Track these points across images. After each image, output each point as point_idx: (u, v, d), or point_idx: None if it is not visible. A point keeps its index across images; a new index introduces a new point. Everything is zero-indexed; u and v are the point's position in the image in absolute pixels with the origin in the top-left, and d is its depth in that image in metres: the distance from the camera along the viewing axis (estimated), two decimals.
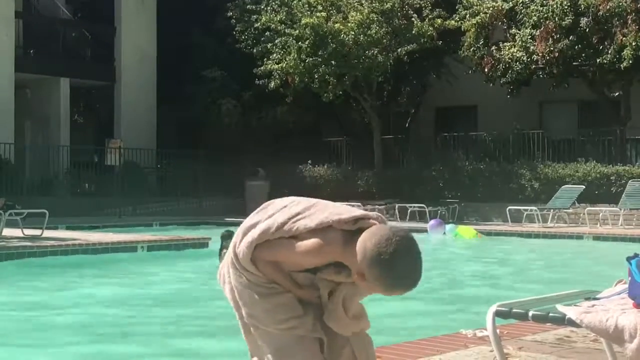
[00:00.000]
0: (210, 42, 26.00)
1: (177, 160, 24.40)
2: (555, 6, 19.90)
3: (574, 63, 20.50)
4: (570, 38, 19.76)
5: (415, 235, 2.56)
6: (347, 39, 21.01)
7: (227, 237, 10.78)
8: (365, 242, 2.45)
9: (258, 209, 2.83)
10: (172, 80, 25.67)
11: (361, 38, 21.01)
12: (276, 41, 22.21)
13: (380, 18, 21.24)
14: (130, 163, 23.75)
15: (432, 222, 17.18)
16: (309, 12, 21.67)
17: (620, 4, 18.82)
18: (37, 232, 12.33)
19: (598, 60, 19.62)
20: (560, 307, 2.95)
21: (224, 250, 10.75)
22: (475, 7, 21.11)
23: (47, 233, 12.45)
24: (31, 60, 23.88)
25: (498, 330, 3.26)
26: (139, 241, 12.40)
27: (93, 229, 16.38)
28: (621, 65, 18.91)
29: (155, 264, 11.33)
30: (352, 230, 2.54)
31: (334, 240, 2.53)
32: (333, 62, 21.31)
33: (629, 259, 2.98)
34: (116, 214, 21.17)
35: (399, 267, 2.42)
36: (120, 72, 25.52)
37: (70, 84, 24.63)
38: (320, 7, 21.78)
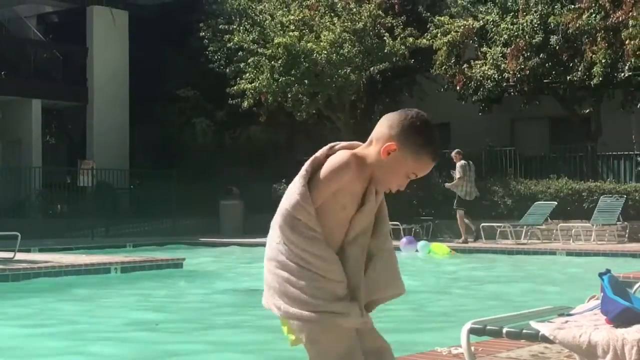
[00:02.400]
0: (183, 62, 26.00)
1: (150, 181, 24.32)
2: (525, 24, 20.12)
3: (545, 80, 20.70)
4: (541, 56, 19.97)
5: None
6: (319, 58, 21.10)
7: None
8: (386, 116, 2.70)
9: None
10: (144, 100, 25.62)
11: (334, 57, 21.10)
12: (249, 61, 22.26)
13: (352, 37, 21.36)
14: (103, 184, 23.63)
15: (404, 239, 17.20)
16: (281, 32, 21.75)
17: (590, 21, 19.06)
18: (9, 254, 12.21)
19: (568, 78, 19.84)
20: (534, 324, 2.97)
21: None
22: (446, 25, 21.29)
23: (20, 256, 12.33)
24: (2, 82, 23.74)
25: (473, 348, 3.27)
26: (112, 263, 12.31)
27: (66, 250, 16.24)
28: (591, 83, 19.12)
29: (129, 286, 11.25)
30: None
31: (342, 155, 2.67)
32: (306, 81, 21.38)
33: (601, 274, 3.01)
34: (89, 235, 21.03)
35: (426, 126, 2.64)
36: (92, 93, 25.44)
37: (42, 105, 24.51)
38: (292, 27, 21.87)
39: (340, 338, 2.60)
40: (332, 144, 2.75)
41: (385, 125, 2.66)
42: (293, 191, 2.68)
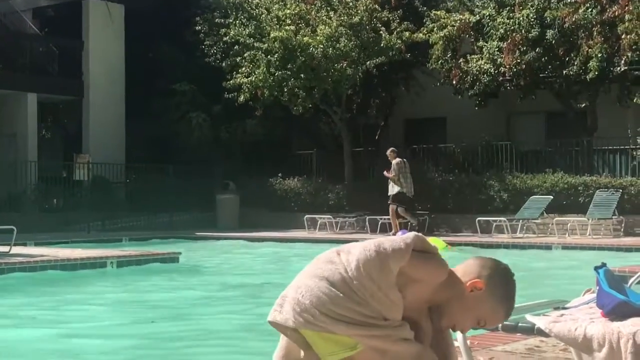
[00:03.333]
0: (179, 56, 25.97)
1: (146, 175, 24.29)
2: (521, 19, 20.10)
3: (541, 75, 20.71)
4: (537, 50, 19.96)
5: None
6: (316, 52, 21.07)
7: None
8: (479, 257, 2.77)
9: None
10: (141, 94, 25.57)
11: (330, 51, 21.08)
12: (245, 55, 22.23)
13: (348, 31, 21.34)
14: (99, 178, 23.60)
15: (399, 233, 17.20)
16: (277, 26, 21.72)
17: (586, 16, 19.05)
18: (5, 248, 12.20)
19: (564, 72, 19.84)
20: (530, 317, 2.98)
21: None
22: (442, 20, 21.28)
23: (16, 249, 12.32)
24: None
25: (469, 341, 3.27)
26: (108, 257, 12.31)
27: (62, 244, 16.23)
28: (587, 77, 19.12)
29: (125, 280, 11.26)
30: None
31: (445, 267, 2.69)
32: (302, 75, 21.36)
33: (596, 268, 3.01)
34: (85, 230, 21.01)
35: (513, 282, 2.72)
36: (88, 87, 25.38)
37: (37, 99, 24.46)
38: (289, 21, 21.84)
39: (405, 344, 2.61)
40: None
41: (476, 264, 2.73)
42: (399, 240, 2.64)
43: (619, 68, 19.42)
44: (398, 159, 18.92)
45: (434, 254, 2.67)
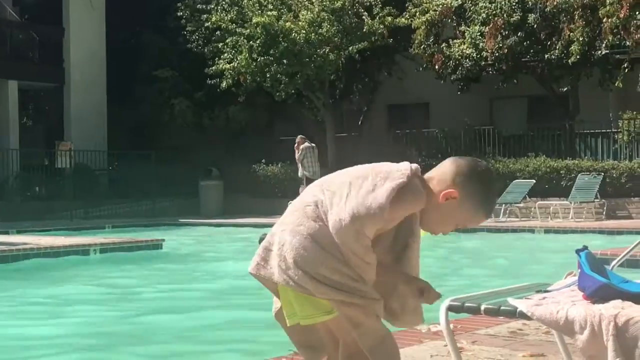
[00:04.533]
0: (161, 42, 25.85)
1: (129, 162, 24.21)
2: (503, 3, 20.13)
3: (523, 59, 20.76)
4: (519, 34, 20.01)
5: None
6: (298, 37, 21.02)
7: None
8: (455, 160, 2.70)
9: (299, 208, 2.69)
10: (123, 80, 25.45)
11: (312, 36, 21.03)
12: (227, 40, 22.15)
13: (331, 16, 21.29)
14: (81, 165, 23.50)
15: None
16: (259, 11, 21.65)
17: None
18: None
19: (546, 56, 19.90)
20: (512, 301, 2.99)
21: None
22: (424, 4, 21.28)
23: None
24: None
25: (451, 325, 3.29)
26: (91, 244, 12.27)
27: (44, 232, 16.16)
28: (569, 61, 19.18)
29: (109, 267, 11.22)
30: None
31: (416, 184, 2.65)
32: (285, 61, 21.31)
33: (578, 251, 3.02)
34: (68, 217, 20.93)
35: (491, 184, 2.68)
36: (69, 74, 25.23)
37: (18, 87, 24.29)
38: (270, 6, 21.77)
39: (378, 321, 2.66)
40: (414, 169, 2.69)
41: (451, 170, 2.66)
42: (379, 197, 2.58)
43: (600, 52, 19.49)
44: (307, 144, 19.41)
45: (410, 193, 2.61)
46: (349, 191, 2.61)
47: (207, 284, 9.67)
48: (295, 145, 19.51)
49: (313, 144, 19.55)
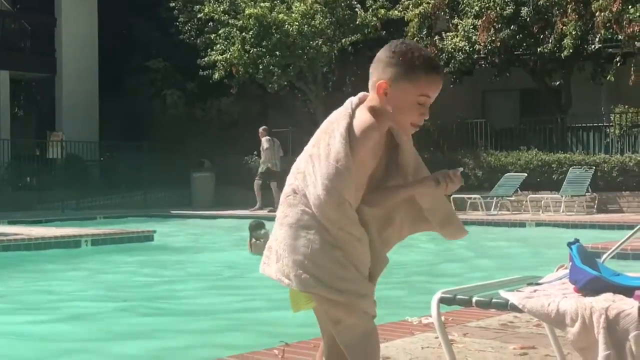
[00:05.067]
0: (153, 33, 25.78)
1: (120, 153, 24.17)
2: None
3: (516, 52, 20.77)
4: (512, 27, 20.02)
5: None
6: (291, 29, 20.99)
7: (255, 228, 10.66)
8: (380, 56, 2.62)
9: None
10: (115, 71, 25.39)
11: (305, 28, 21.00)
12: (220, 32, 22.11)
13: (324, 8, 21.26)
14: (73, 156, 23.45)
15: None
16: (252, 3, 21.61)
17: None
18: None
19: (539, 50, 19.91)
20: (503, 293, 2.99)
21: (253, 240, 10.75)
22: None
23: None
24: None
25: (443, 317, 3.29)
26: (83, 235, 12.24)
27: (35, 223, 16.12)
28: (562, 55, 19.20)
29: (100, 258, 11.21)
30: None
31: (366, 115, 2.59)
32: (277, 52, 21.28)
33: (569, 244, 3.03)
34: (59, 208, 20.89)
35: (411, 47, 2.59)
36: (61, 64, 25.15)
37: (10, 77, 24.21)
38: None
39: (362, 318, 2.64)
40: (355, 102, 2.65)
41: (371, 68, 2.62)
42: (337, 155, 2.53)
43: (593, 46, 19.51)
44: (268, 137, 20.20)
45: (359, 128, 2.55)
46: (313, 165, 2.60)
47: (199, 275, 9.67)
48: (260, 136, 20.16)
49: (274, 138, 20.36)
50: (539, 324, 4.44)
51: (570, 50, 18.96)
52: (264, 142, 20.10)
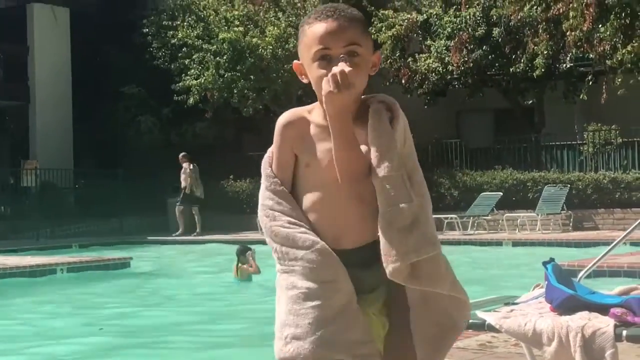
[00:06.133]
0: (127, 59, 25.71)
1: (95, 180, 24.01)
2: (468, 17, 20.30)
3: (488, 73, 20.93)
4: (484, 48, 20.18)
5: None
6: (265, 53, 21.04)
7: (242, 252, 10.63)
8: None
9: None
10: (88, 97, 25.28)
11: (279, 52, 21.06)
12: (194, 57, 22.11)
13: (297, 32, 21.33)
14: (47, 184, 23.27)
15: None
16: (226, 27, 21.65)
17: (531, 13, 19.28)
18: None
19: (511, 70, 20.07)
20: (480, 313, 2.99)
21: (240, 265, 10.72)
22: (390, 19, 21.38)
23: None
24: None
25: None
26: (58, 263, 12.14)
27: (10, 252, 15.96)
28: (534, 74, 19.36)
29: (76, 286, 11.11)
30: None
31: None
32: (252, 76, 21.31)
33: (544, 263, 3.04)
34: (34, 237, 20.71)
35: (306, 20, 2.34)
36: (34, 92, 25.02)
37: None
38: (237, 22, 21.77)
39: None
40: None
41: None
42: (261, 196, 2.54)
43: (564, 65, 19.70)
44: (188, 163, 20.99)
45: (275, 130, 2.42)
46: None
47: (176, 301, 9.60)
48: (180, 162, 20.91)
49: (194, 163, 21.07)
50: (517, 344, 4.44)
51: (542, 70, 19.13)
52: (185, 168, 20.88)
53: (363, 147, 2.25)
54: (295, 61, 2.33)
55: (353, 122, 2.24)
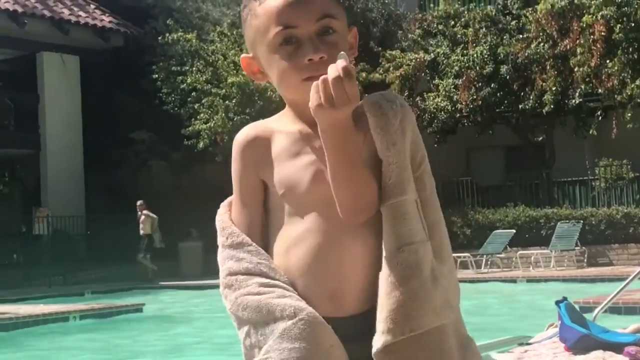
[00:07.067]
0: (137, 105, 25.88)
1: (107, 226, 24.02)
2: (475, 56, 20.37)
3: (497, 110, 20.94)
4: (492, 86, 20.22)
5: None
6: (273, 95, 21.14)
7: None
8: None
9: None
10: (99, 144, 25.41)
11: None
12: (203, 101, 22.24)
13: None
14: (59, 231, 23.30)
15: None
16: (234, 71, 21.78)
17: (538, 50, 19.34)
18: None
19: (520, 106, 20.08)
20: (494, 355, 2.95)
21: None
22: (398, 59, 21.47)
23: None
24: None
25: None
26: (71, 311, 12.11)
27: (23, 301, 15.94)
28: (543, 110, 19.36)
29: (89, 333, 11.06)
30: None
31: None
32: (261, 119, 21.36)
33: (557, 302, 3.00)
34: (46, 284, 20.69)
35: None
36: (45, 140, 25.16)
37: None
38: None
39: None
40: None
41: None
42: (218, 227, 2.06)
43: (573, 100, 19.70)
44: (146, 211, 21.61)
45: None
46: None
47: (189, 347, 9.54)
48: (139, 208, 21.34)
49: (151, 212, 21.58)
50: None
51: (551, 106, 19.13)
52: (142, 215, 21.47)
53: (366, 158, 1.68)
54: (243, 55, 1.80)
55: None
